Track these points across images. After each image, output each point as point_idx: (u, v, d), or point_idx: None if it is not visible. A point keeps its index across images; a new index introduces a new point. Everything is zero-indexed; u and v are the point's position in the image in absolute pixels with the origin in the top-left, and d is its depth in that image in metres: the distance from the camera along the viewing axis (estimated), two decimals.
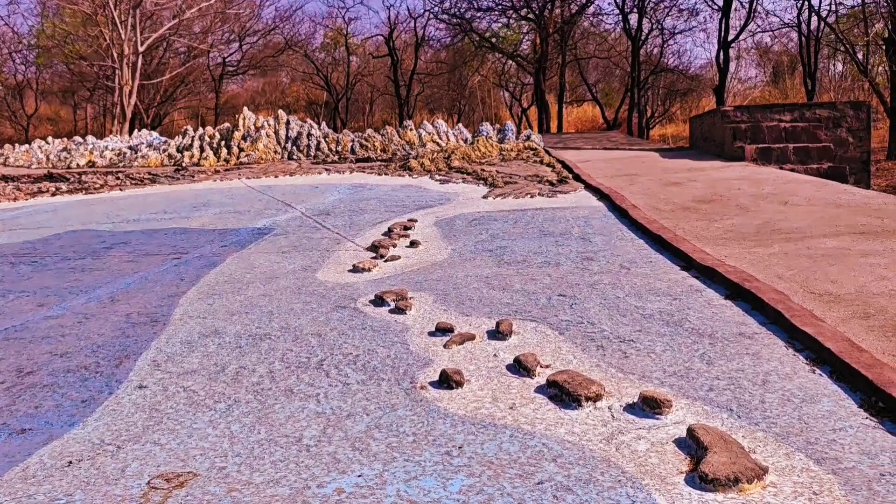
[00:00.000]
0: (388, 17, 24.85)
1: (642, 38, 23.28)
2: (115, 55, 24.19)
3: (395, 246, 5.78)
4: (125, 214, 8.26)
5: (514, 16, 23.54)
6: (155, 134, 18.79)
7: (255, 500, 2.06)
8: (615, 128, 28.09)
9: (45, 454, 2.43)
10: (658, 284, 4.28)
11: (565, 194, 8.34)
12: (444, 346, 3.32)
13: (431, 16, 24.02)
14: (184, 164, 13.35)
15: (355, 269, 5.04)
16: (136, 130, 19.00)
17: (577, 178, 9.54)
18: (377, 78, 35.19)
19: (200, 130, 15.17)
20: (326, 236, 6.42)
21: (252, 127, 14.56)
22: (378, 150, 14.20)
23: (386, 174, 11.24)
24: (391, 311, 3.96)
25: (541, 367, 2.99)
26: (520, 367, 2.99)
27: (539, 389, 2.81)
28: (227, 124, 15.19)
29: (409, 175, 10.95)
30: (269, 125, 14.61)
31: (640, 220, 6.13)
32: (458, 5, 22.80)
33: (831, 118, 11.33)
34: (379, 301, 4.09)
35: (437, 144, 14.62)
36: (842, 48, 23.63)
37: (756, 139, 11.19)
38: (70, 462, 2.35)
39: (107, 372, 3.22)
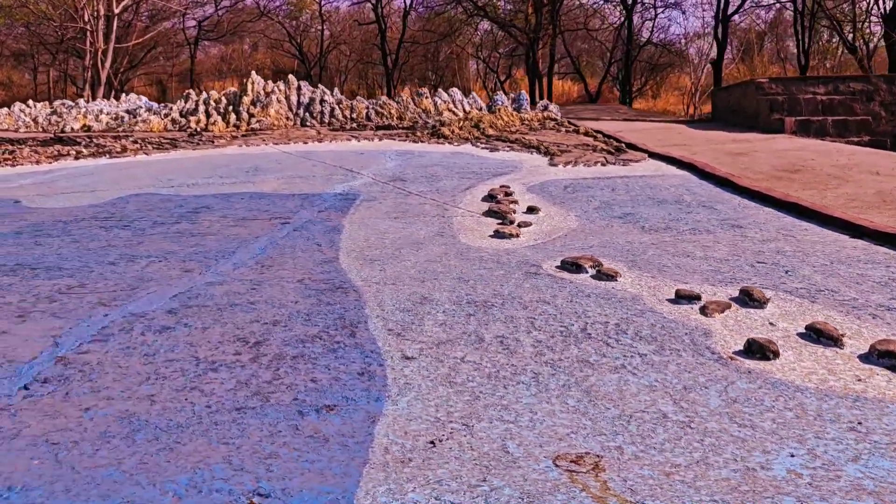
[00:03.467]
0: None
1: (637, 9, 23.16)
2: (89, 16, 23.06)
3: (514, 212, 5.51)
4: (175, 179, 7.79)
5: None
6: (144, 99, 18.01)
7: (708, 485, 1.81)
8: (596, 101, 28.00)
9: (388, 433, 2.14)
10: (851, 252, 4.11)
11: (636, 163, 8.15)
12: (705, 315, 3.09)
13: None
14: (197, 130, 12.76)
15: (500, 235, 4.77)
16: (123, 95, 18.16)
17: (633, 147, 9.34)
18: (353, 46, 34.37)
19: (204, 95, 14.55)
20: (424, 202, 6.11)
21: (262, 92, 14.00)
22: (395, 118, 13.80)
23: (421, 141, 10.89)
24: (595, 278, 3.71)
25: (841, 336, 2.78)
26: (820, 336, 2.78)
27: (863, 359, 2.60)
28: (233, 88, 14.59)
29: (447, 143, 10.63)
30: (280, 90, 14.07)
31: (759, 188, 5.97)
32: None
33: (864, 91, 11.35)
34: (574, 267, 3.83)
35: (453, 113, 14.28)
36: (829, 24, 23.86)
37: (793, 111, 11.15)
38: (432, 442, 2.07)
39: (348, 342, 2.91)
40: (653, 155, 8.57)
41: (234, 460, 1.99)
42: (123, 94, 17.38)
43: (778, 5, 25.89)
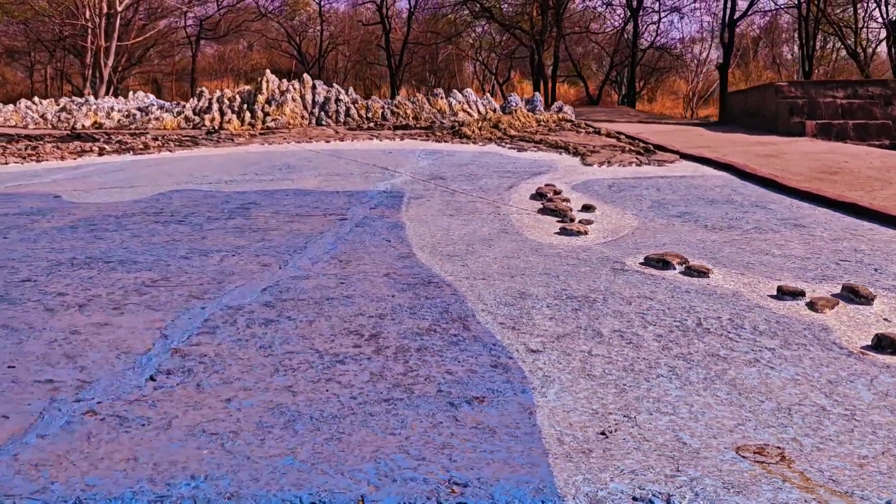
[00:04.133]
0: None
1: (641, 12, 23.26)
2: (93, 14, 22.90)
3: (571, 210, 5.50)
4: (210, 175, 7.74)
5: None
6: (152, 97, 17.92)
7: None
8: (597, 103, 28.10)
9: (552, 424, 2.12)
10: None
11: (671, 164, 8.16)
12: (815, 311, 3.09)
13: None
14: (214, 128, 12.69)
15: (567, 232, 4.76)
16: (131, 94, 18.05)
17: (661, 149, 9.36)
18: (352, 47, 34.32)
19: (218, 93, 14.48)
20: (473, 200, 6.09)
21: (276, 91, 13.94)
22: (410, 118, 13.78)
23: (444, 141, 10.87)
24: (685, 274, 3.71)
25: None
26: None
27: None
28: (247, 87, 14.53)
29: (471, 143, 10.62)
30: (295, 89, 14.02)
31: (809, 189, 5.99)
32: None
33: (883, 96, 11.42)
34: (661, 264, 3.82)
35: (468, 113, 14.28)
36: (830, 31, 24.04)
37: (813, 115, 11.21)
38: (603, 433, 2.05)
39: (464, 335, 2.89)
40: (684, 156, 8.58)
41: (411, 450, 1.97)
42: (131, 93, 17.26)
43: (775, 10, 26.02)
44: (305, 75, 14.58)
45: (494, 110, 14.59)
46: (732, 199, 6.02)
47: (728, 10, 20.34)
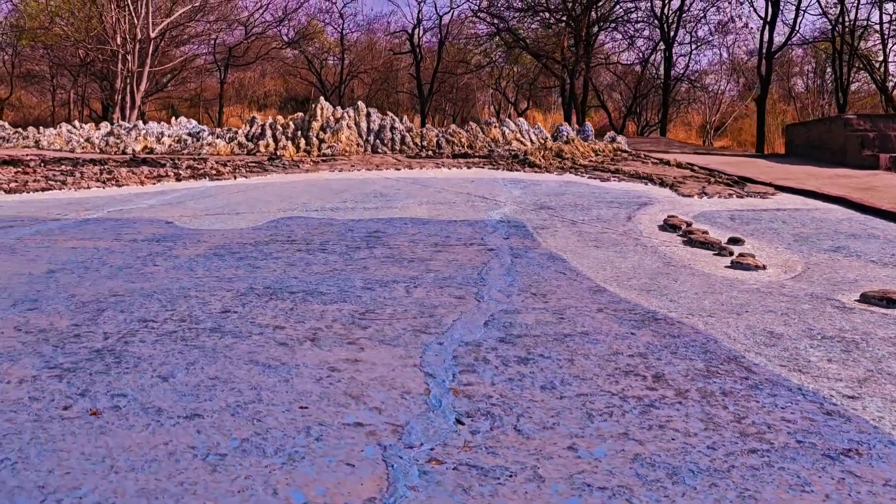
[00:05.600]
0: (417, 13, 24.21)
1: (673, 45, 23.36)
2: (127, 39, 22.93)
3: (721, 242, 5.35)
4: (309, 203, 7.60)
5: (550, 18, 23.29)
6: (194, 122, 17.84)
7: None
8: (621, 133, 28.16)
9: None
10: None
11: (772, 196, 8.05)
12: None
13: (471, 13, 23.54)
14: (276, 153, 12.57)
15: (742, 267, 4.61)
16: (173, 119, 17.97)
17: (747, 180, 9.25)
18: (373, 75, 34.47)
19: (270, 119, 14.40)
20: (602, 231, 5.95)
21: (331, 118, 13.86)
22: (465, 146, 13.70)
23: (515, 169, 10.77)
24: None
25: None
26: None
27: None
28: (300, 114, 14.46)
29: (545, 172, 10.51)
30: (350, 116, 13.94)
31: None
32: (496, 4, 22.42)
33: None
34: (885, 302, 3.68)
35: (520, 142, 14.21)
36: (860, 65, 24.18)
37: (885, 148, 11.14)
38: None
39: (755, 378, 2.76)
40: (779, 188, 8.46)
41: None
42: (182, 118, 17.20)
43: (809, 44, 26.22)
44: (360, 103, 14.52)
45: (545, 139, 14.52)
46: (872, 233, 5.89)
47: (766, 43, 20.45)
